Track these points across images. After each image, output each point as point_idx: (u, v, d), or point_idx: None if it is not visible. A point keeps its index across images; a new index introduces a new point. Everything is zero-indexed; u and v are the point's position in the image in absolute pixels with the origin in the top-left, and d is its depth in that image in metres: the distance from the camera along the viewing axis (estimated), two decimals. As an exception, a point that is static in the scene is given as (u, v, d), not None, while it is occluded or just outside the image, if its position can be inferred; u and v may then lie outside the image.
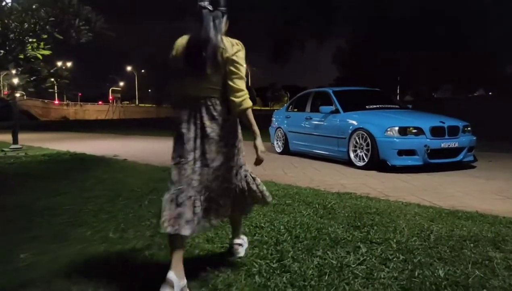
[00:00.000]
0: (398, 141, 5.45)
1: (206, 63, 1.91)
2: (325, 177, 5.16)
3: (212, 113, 1.96)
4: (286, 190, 4.18)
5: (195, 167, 1.94)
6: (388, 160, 5.48)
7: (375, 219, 2.98)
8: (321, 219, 3.03)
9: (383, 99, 7.19)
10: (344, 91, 7.34)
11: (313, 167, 6.17)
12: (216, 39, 1.93)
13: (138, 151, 9.55)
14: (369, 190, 4.22)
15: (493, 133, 10.11)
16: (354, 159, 6.04)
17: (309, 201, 3.65)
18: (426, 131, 5.50)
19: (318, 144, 6.96)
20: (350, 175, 5.31)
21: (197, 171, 1.94)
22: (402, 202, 3.56)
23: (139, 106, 74.37)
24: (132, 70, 72.20)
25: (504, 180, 4.74)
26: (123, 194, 4.13)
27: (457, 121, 5.88)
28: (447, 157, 5.61)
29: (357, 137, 5.96)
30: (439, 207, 3.39)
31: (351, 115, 6.34)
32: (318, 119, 6.98)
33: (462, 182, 4.64)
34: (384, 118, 5.94)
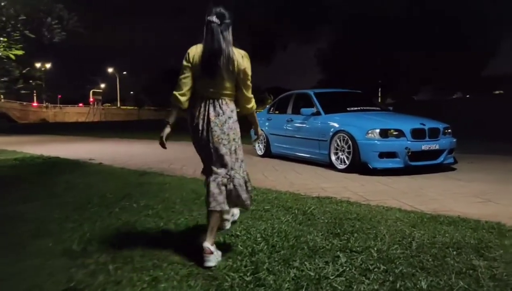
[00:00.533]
0: (379, 143, 5.38)
1: (220, 72, 2.27)
2: (306, 181, 5.04)
3: (218, 111, 2.31)
4: (265, 195, 4.04)
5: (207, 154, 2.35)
6: (369, 163, 5.41)
7: (355, 225, 2.87)
8: (300, 225, 2.90)
9: (365, 101, 7.14)
10: (326, 93, 7.26)
11: (294, 170, 6.06)
12: (228, 50, 2.27)
13: (116, 154, 9.28)
14: (350, 194, 4.12)
15: (472, 134, 10.22)
16: (335, 161, 5.95)
17: (289, 206, 3.52)
18: (407, 134, 5.45)
19: (299, 147, 6.86)
20: (331, 178, 5.21)
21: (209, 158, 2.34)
22: (383, 206, 3.47)
23: (121, 108, 73.36)
24: (113, 71, 71.07)
25: (485, 182, 4.72)
26: (94, 200, 3.92)
27: (437, 123, 5.86)
28: (427, 159, 5.57)
29: (338, 139, 5.88)
30: (421, 211, 3.30)
31: (332, 117, 6.26)
32: (300, 121, 6.88)
33: (443, 185, 4.59)
34: (365, 121, 5.87)
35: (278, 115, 7.71)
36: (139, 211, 3.45)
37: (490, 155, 7.84)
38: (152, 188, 4.57)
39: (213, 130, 2.29)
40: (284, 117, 7.38)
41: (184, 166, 6.82)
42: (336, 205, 3.54)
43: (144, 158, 8.24)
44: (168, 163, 7.37)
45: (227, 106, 2.34)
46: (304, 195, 4.06)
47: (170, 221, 3.07)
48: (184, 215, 3.25)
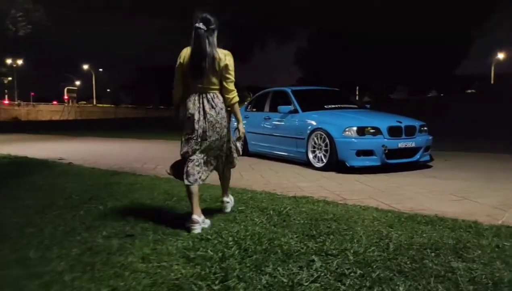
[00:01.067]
0: (356, 141, 5.33)
1: (206, 71, 2.71)
2: (282, 180, 4.94)
3: (211, 104, 2.78)
4: (240, 195, 3.90)
5: (198, 141, 2.79)
6: (346, 161, 5.35)
7: (332, 226, 2.77)
8: (275, 227, 2.78)
9: (342, 99, 7.10)
10: (303, 90, 7.18)
11: (271, 169, 5.94)
12: (213, 53, 2.71)
13: (88, 153, 8.95)
14: (326, 193, 4.03)
15: (446, 132, 10.37)
16: (312, 160, 5.87)
17: (264, 206, 3.39)
18: (383, 131, 5.41)
19: (277, 145, 6.76)
20: (308, 177, 5.12)
21: (199, 143, 2.80)
22: (360, 205, 3.39)
23: (97, 106, 71.72)
24: (89, 68, 69.37)
25: (461, 180, 4.72)
26: (58, 202, 3.70)
27: (413, 121, 5.86)
28: (404, 157, 5.56)
29: (316, 137, 5.80)
30: (398, 210, 3.23)
31: (309, 115, 6.18)
32: (277, 119, 6.77)
33: (419, 183, 4.56)
34: (342, 118, 5.81)
35: (255, 113, 7.59)
36: (105, 213, 3.25)
37: (465, 152, 7.95)
38: (121, 188, 4.36)
39: (209, 120, 2.76)
40: (261, 115, 7.26)
41: (159, 165, 6.61)
42: (313, 205, 3.43)
43: (117, 157, 7.97)
44: (141, 162, 7.14)
45: (218, 99, 2.81)
46: (280, 194, 3.94)
47: (137, 225, 2.89)
48: (153, 218, 3.07)
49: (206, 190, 4.11)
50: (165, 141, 13.68)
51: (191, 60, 2.72)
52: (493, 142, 9.63)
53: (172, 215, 3.17)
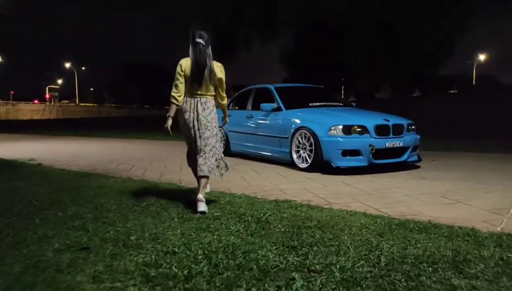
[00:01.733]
0: (342, 141, 5.07)
1: (205, 80, 3.20)
2: (264, 182, 4.64)
3: (204, 106, 3.25)
4: (217, 199, 3.59)
5: (195, 138, 3.26)
6: (332, 161, 5.08)
7: (315, 235, 2.48)
8: (252, 237, 2.48)
9: (327, 96, 6.84)
10: (287, 88, 6.90)
11: (253, 170, 5.64)
12: (211, 65, 3.20)
13: (62, 153, 8.50)
14: (311, 196, 3.75)
15: (430, 131, 10.24)
16: (297, 160, 5.59)
17: (242, 212, 3.08)
18: (370, 130, 5.17)
19: (260, 144, 6.46)
20: (291, 178, 4.84)
21: (196, 140, 3.26)
22: (346, 210, 3.11)
23: (79, 105, 70.35)
24: (71, 66, 67.94)
25: (450, 181, 4.50)
26: (14, 208, 3.32)
27: (401, 119, 5.63)
28: (391, 157, 5.33)
29: (300, 137, 5.52)
30: (388, 216, 2.97)
31: (293, 113, 5.90)
32: (260, 117, 6.48)
33: (408, 185, 4.32)
34: (327, 117, 5.54)
35: (237, 111, 7.27)
36: (64, 221, 2.90)
37: (451, 152, 7.80)
38: (88, 192, 3.99)
39: (201, 120, 3.23)
40: (243, 113, 6.96)
41: (134, 166, 6.24)
42: (295, 210, 3.14)
43: (93, 157, 7.56)
44: (117, 162, 6.76)
45: (210, 103, 3.30)
46: (261, 198, 3.64)
47: (96, 235, 2.55)
48: (116, 226, 2.74)
49: (182, 196, 3.80)
50: (146, 141, 13.26)
51: (192, 71, 3.19)
52: (477, 141, 9.58)
53: (138, 223, 2.83)
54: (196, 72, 3.17)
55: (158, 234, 2.56)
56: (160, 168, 6.05)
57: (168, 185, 4.35)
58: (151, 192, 3.97)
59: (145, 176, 5.23)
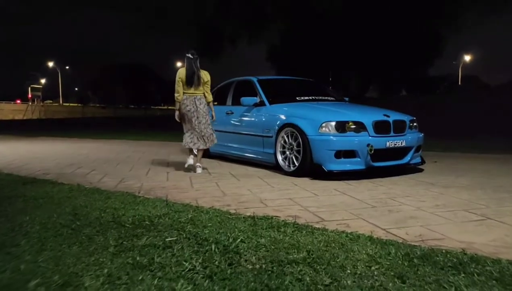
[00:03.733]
0: (335, 140, 4.29)
1: (196, 84, 4.77)
2: (242, 190, 3.83)
3: (200, 101, 4.80)
4: (177, 215, 2.77)
5: (195, 124, 4.78)
6: (323, 164, 4.30)
7: (304, 277, 1.68)
8: (210, 282, 1.67)
9: (317, 90, 6.06)
10: (271, 80, 6.12)
11: (231, 174, 4.83)
12: (198, 73, 4.78)
13: (23, 155, 7.59)
14: (298, 210, 2.95)
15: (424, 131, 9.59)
16: (282, 162, 4.81)
17: (205, 236, 2.27)
18: (368, 127, 4.40)
19: (241, 145, 5.66)
20: (276, 185, 4.04)
21: (197, 125, 4.78)
22: (346, 232, 2.32)
23: (63, 106, 68.69)
24: (54, 66, 66.29)
25: (465, 188, 3.76)
26: None
27: (402, 115, 4.88)
28: (392, 159, 4.57)
29: (286, 135, 4.73)
30: (403, 241, 2.19)
31: (278, 108, 5.11)
32: (241, 114, 5.67)
33: (416, 193, 3.56)
34: (318, 112, 4.77)
35: (216, 107, 6.41)
36: (-50, 253, 2.05)
37: (450, 153, 7.15)
38: (17, 205, 3.14)
39: (199, 112, 4.76)
40: (223, 109, 6.13)
41: (94, 170, 5.38)
42: (277, 232, 2.34)
43: (54, 160, 6.67)
44: (78, 165, 5.90)
45: (203, 99, 4.83)
46: (234, 213, 2.84)
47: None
48: (21, 261, 1.91)
49: (132, 211, 2.98)
50: (124, 141, 12.36)
51: (186, 77, 4.72)
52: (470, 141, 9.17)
53: (54, 256, 2.00)
54: (189, 79, 4.73)
55: (72, 276, 1.74)
56: (124, 171, 5.20)
57: (122, 195, 3.51)
58: (96, 205, 3.13)
59: (101, 182, 4.38)
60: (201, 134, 4.77)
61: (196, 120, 4.74)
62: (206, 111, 4.81)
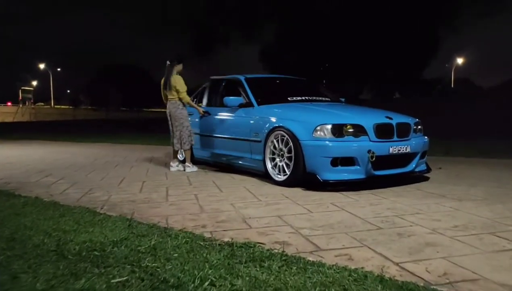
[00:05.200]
0: (331, 145, 3.76)
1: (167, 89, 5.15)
2: (224, 204, 3.28)
3: (173, 105, 5.15)
4: (138, 240, 2.23)
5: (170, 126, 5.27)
6: (317, 173, 3.77)
7: None
8: None
9: (311, 90, 5.54)
10: (261, 79, 5.59)
11: (214, 184, 4.29)
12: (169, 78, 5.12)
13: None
14: (287, 233, 2.42)
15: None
16: (271, 170, 4.28)
17: (163, 276, 1.74)
18: (369, 131, 3.88)
19: (227, 150, 5.11)
20: (264, 198, 3.50)
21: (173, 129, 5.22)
22: (348, 270, 1.78)
23: (54, 108, 67.83)
24: (46, 68, 65.47)
25: (481, 202, 3.25)
26: None
27: (406, 117, 4.37)
28: (396, 167, 4.05)
29: (276, 140, 4.21)
30: (424, 284, 1.65)
31: (268, 109, 4.58)
32: (227, 115, 5.13)
33: (426, 208, 3.04)
34: (311, 113, 4.25)
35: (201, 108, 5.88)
36: None
37: (453, 157, 6.69)
38: None
39: (172, 115, 5.18)
40: (209, 111, 5.58)
41: (63, 178, 4.83)
42: (260, 268, 1.81)
43: (22, 166, 6.09)
44: (47, 173, 5.35)
45: (177, 103, 5.14)
46: (208, 239, 2.30)
47: None
48: None
49: (80, 235, 2.44)
50: (109, 144, 11.78)
51: (163, 83, 5.25)
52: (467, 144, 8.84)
53: None
54: (164, 84, 5.20)
55: None
56: (95, 180, 4.64)
57: (80, 212, 2.96)
58: (43, 226, 2.58)
59: (63, 194, 3.82)
60: (178, 136, 5.17)
61: (171, 123, 5.24)
62: (179, 115, 5.13)
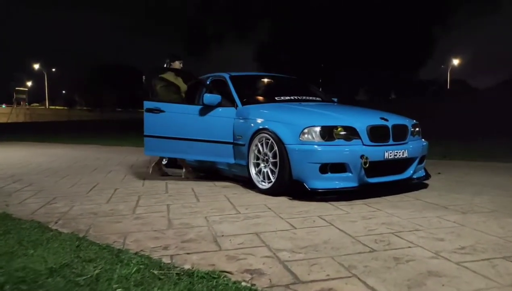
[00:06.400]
0: (320, 150, 3.37)
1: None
2: (196, 218, 2.88)
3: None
4: (81, 267, 1.83)
5: None
6: (305, 181, 3.38)
7: None
8: None
9: (301, 89, 5.15)
10: (247, 77, 5.19)
11: (193, 192, 3.90)
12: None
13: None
14: (263, 258, 2.02)
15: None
16: (255, 177, 3.88)
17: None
18: (362, 134, 3.49)
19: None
20: (243, 210, 3.10)
21: None
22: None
23: (49, 109, 67.30)
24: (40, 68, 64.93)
25: (489, 215, 2.86)
26: None
27: (403, 118, 3.99)
28: (392, 173, 3.67)
29: (260, 143, 3.81)
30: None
31: (252, 110, 4.17)
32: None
33: (427, 224, 2.65)
34: (299, 114, 3.86)
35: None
36: None
37: (451, 161, 6.35)
38: None
39: None
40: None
41: (30, 185, 4.43)
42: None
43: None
44: (16, 178, 4.98)
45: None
46: (166, 265, 1.90)
47: None
48: None
49: (32, 247, 2.04)
50: (96, 146, 11.38)
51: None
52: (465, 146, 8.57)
53: None
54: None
55: None
56: (63, 188, 4.24)
57: (28, 228, 2.55)
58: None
59: (22, 204, 3.42)
60: None
61: None
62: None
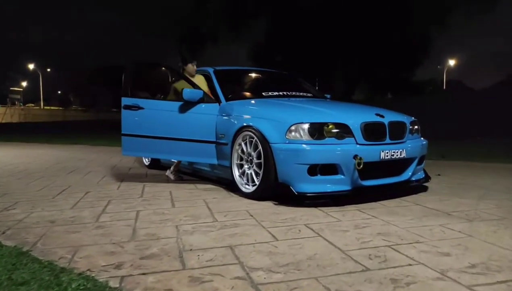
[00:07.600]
0: (308, 149, 3.02)
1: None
2: (166, 227, 2.52)
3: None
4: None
5: None
6: (292, 184, 3.03)
7: None
8: None
9: (291, 85, 4.80)
10: (232, 71, 4.85)
11: (170, 196, 3.55)
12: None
13: None
14: (232, 278, 1.67)
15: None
16: (239, 179, 3.53)
17: None
18: (355, 132, 3.15)
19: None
20: (221, 217, 2.75)
21: None
22: None
23: (43, 109, 66.78)
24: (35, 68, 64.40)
25: (499, 224, 2.53)
26: None
27: (400, 115, 3.64)
28: (388, 175, 3.33)
29: (244, 142, 3.46)
30: None
31: (237, 106, 3.82)
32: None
33: (429, 235, 2.30)
34: (286, 110, 3.51)
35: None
36: None
37: (450, 161, 6.08)
38: None
39: None
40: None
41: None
42: None
43: None
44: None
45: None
46: (112, 289, 1.55)
47: None
48: None
49: None
50: (82, 146, 10.99)
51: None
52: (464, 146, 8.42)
53: None
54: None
55: None
56: (31, 191, 3.88)
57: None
58: None
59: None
60: None
61: None
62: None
